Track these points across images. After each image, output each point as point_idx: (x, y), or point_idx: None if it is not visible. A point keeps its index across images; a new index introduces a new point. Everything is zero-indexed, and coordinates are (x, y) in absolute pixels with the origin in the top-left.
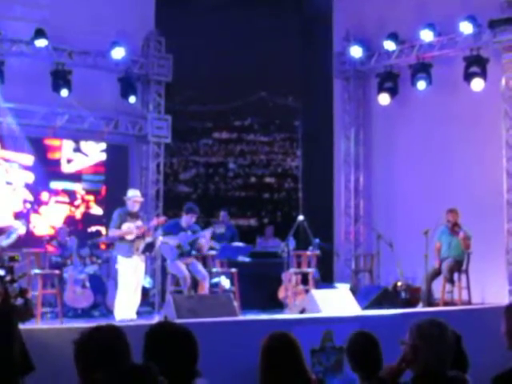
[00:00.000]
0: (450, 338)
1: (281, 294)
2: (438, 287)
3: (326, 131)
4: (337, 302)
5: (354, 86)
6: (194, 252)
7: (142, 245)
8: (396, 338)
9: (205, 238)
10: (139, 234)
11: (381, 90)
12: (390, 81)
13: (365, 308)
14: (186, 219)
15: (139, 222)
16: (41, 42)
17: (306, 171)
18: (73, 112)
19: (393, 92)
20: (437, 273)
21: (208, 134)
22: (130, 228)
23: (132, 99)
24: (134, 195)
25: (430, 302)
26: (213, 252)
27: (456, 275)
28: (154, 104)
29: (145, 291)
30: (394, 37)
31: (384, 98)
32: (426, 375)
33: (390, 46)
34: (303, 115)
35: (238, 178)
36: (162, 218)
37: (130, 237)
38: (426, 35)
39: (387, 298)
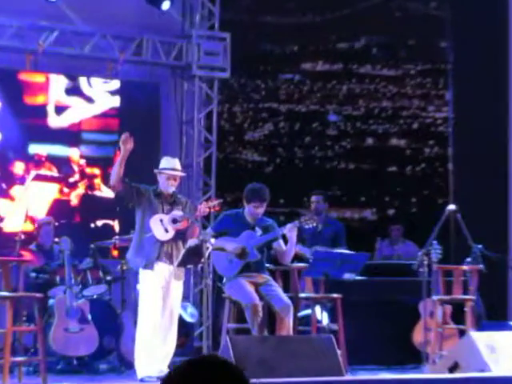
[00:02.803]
0: None
1: (417, 336)
2: None
3: (495, 60)
4: None
5: None
6: (267, 264)
7: (179, 250)
8: None
9: (288, 241)
10: (178, 231)
11: None
12: None
13: None
14: (250, 210)
15: (177, 212)
16: None
17: (460, 128)
18: (66, 27)
19: None
20: None
21: (292, 64)
22: (159, 219)
23: (165, 5)
24: (168, 167)
25: None
26: (301, 264)
27: None
28: (201, 15)
29: (185, 328)
30: None
31: None
32: None
33: None
34: (455, 33)
35: (344, 138)
36: (215, 202)
37: (160, 235)
38: None
39: None
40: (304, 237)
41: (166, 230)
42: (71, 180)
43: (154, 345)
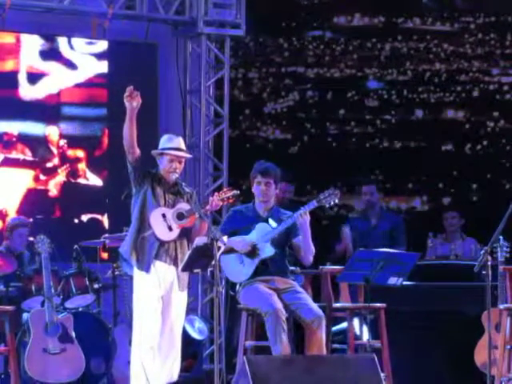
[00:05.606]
0: None
1: (479, 355)
2: None
3: None
4: None
5: None
6: (292, 267)
7: (184, 251)
8: None
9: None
10: (183, 228)
11: None
12: None
13: None
14: (257, 191)
15: (183, 205)
16: None
17: None
18: None
19: None
20: None
21: (322, 17)
22: (161, 214)
23: None
24: (171, 146)
25: None
26: (335, 267)
27: None
28: None
29: (192, 348)
30: None
31: None
32: None
33: None
34: None
35: (387, 110)
36: (230, 193)
37: (162, 234)
38: None
39: None
40: (354, 235)
41: (170, 228)
42: (49, 165)
43: (152, 369)
